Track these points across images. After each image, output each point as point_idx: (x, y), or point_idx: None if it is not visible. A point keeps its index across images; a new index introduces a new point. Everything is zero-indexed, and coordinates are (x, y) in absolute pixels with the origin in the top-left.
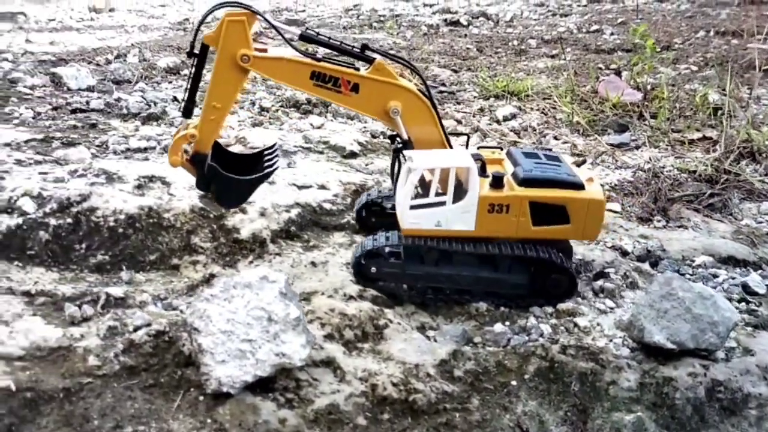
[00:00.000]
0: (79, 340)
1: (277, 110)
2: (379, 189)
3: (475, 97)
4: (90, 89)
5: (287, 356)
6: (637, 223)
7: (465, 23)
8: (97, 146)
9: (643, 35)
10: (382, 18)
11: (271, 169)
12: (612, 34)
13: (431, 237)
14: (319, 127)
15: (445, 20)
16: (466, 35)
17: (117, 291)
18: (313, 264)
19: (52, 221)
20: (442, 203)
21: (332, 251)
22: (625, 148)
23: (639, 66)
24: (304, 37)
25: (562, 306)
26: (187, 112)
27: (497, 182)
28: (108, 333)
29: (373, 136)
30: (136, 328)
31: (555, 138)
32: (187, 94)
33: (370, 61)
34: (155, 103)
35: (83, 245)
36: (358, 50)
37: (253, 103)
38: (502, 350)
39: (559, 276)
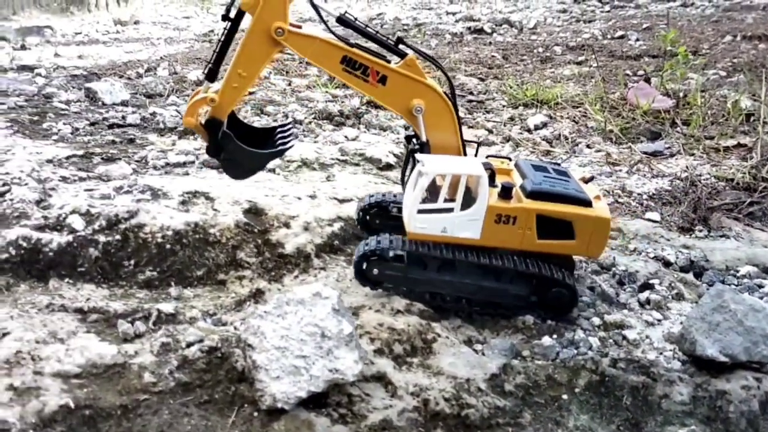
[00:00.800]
0: (134, 356)
1: (310, 122)
2: (382, 192)
3: (504, 105)
4: (124, 104)
5: (340, 372)
6: (678, 232)
7: (489, 31)
8: (137, 161)
9: (674, 41)
10: (405, 27)
11: (286, 146)
12: (637, 40)
13: (436, 243)
14: (353, 139)
15: (469, 28)
16: (490, 43)
17: (167, 307)
18: None
19: (102, 238)
20: (450, 210)
21: None
22: (660, 157)
23: (669, 72)
24: (341, 20)
25: (609, 318)
26: (211, 75)
27: (506, 193)
28: (161, 349)
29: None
30: (189, 344)
31: (588, 146)
32: (214, 57)
33: (402, 55)
34: None
35: (132, 262)
36: (392, 43)
37: (286, 116)
38: (552, 364)
39: (561, 290)
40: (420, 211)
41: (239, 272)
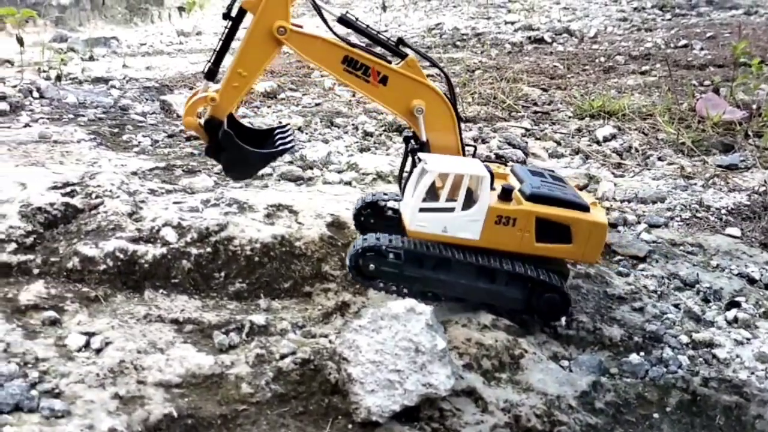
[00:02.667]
0: (230, 367)
1: (380, 135)
2: (373, 193)
3: (569, 116)
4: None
5: (433, 387)
6: (761, 249)
7: (549, 40)
8: (216, 173)
9: (744, 52)
10: (464, 37)
11: (287, 146)
12: (702, 49)
13: (433, 242)
14: None
15: (529, 38)
16: (551, 52)
17: (259, 319)
18: None
19: (194, 250)
20: (451, 209)
21: None
22: (736, 170)
23: (739, 83)
24: (342, 21)
25: (697, 336)
26: (210, 75)
27: (506, 195)
28: (256, 361)
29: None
30: (283, 356)
31: (659, 159)
32: (213, 57)
33: (402, 56)
34: None
35: (222, 273)
36: (393, 43)
37: (356, 128)
38: (641, 382)
39: (554, 295)
40: (422, 210)
41: (324, 285)
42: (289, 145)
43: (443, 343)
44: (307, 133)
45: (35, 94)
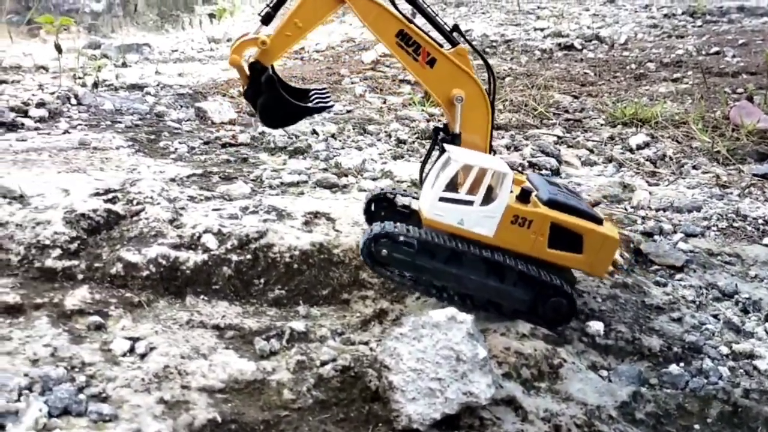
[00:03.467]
0: (272, 373)
1: (413, 142)
2: (383, 187)
3: (601, 124)
4: (232, 122)
5: (474, 395)
6: None
7: (579, 47)
8: (253, 180)
9: None
10: (494, 43)
11: (326, 105)
12: (734, 56)
13: (448, 234)
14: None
15: (559, 44)
16: (581, 59)
17: (298, 325)
18: None
19: (234, 257)
20: (470, 203)
21: None
22: None
23: None
24: None
25: (738, 348)
26: (267, 18)
27: (525, 196)
28: (297, 367)
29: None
30: (323, 363)
31: (694, 167)
32: (274, 1)
33: (454, 43)
34: (297, 137)
35: (262, 280)
36: (449, 29)
37: (389, 135)
38: (681, 393)
39: (560, 300)
40: (441, 199)
41: (362, 292)
42: (327, 104)
43: (484, 352)
44: (340, 140)
45: (73, 100)
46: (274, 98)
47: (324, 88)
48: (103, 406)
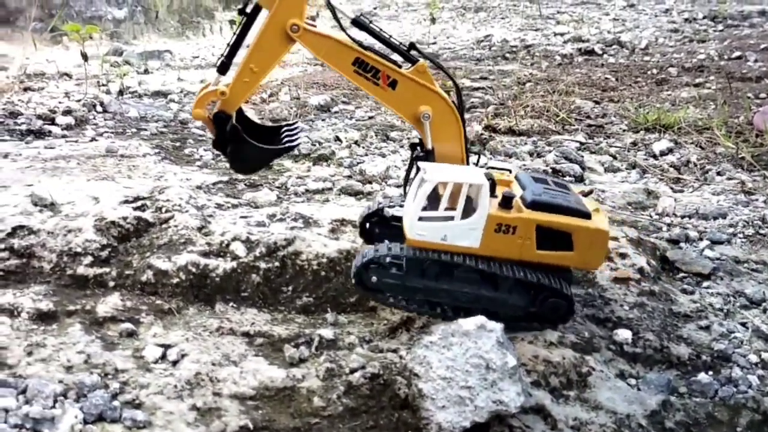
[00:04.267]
0: (302, 381)
1: None
2: (388, 199)
3: (624, 129)
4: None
5: (504, 404)
6: None
7: (599, 52)
8: (278, 188)
9: None
10: (514, 49)
11: (294, 143)
12: (756, 60)
13: (435, 250)
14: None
15: (579, 49)
16: (602, 64)
17: (327, 333)
18: None
19: (262, 265)
20: (451, 218)
21: None
22: None
23: None
24: (356, 23)
25: (767, 356)
26: (222, 68)
27: (506, 203)
28: (327, 374)
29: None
30: (353, 371)
31: (718, 174)
32: (227, 51)
33: (413, 61)
34: (320, 143)
35: (290, 288)
36: (405, 48)
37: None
38: (711, 401)
39: (558, 300)
40: (421, 219)
41: None
42: (295, 143)
43: (514, 361)
44: (363, 147)
45: (98, 108)
46: (240, 147)
47: (294, 123)
48: (137, 412)
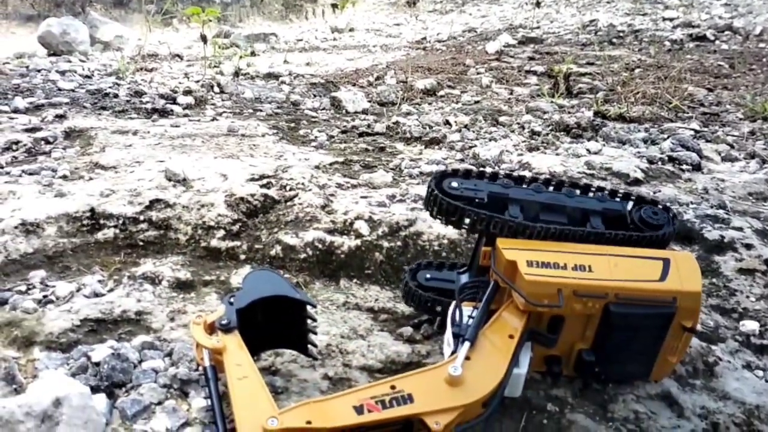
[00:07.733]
0: (426, 357)
1: (547, 134)
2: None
3: (740, 118)
4: (365, 112)
5: None
6: None
7: (711, 38)
8: (392, 169)
9: None
10: (621, 34)
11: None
12: None
13: None
14: (596, 153)
15: (690, 35)
16: (714, 51)
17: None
18: None
19: (385, 243)
20: None
21: None
22: None
23: None
24: None
25: None
26: None
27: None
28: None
29: (651, 162)
30: None
31: None
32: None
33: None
34: (430, 126)
35: None
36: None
37: (522, 127)
38: None
39: None
40: None
41: None
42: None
43: None
44: (473, 131)
45: (215, 89)
46: None
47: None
48: (275, 378)
